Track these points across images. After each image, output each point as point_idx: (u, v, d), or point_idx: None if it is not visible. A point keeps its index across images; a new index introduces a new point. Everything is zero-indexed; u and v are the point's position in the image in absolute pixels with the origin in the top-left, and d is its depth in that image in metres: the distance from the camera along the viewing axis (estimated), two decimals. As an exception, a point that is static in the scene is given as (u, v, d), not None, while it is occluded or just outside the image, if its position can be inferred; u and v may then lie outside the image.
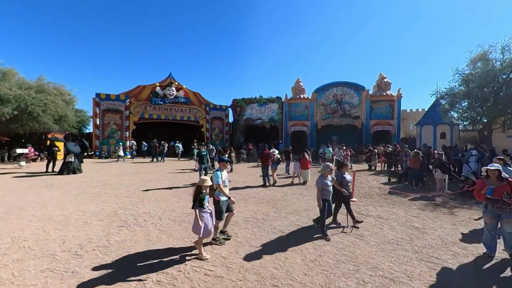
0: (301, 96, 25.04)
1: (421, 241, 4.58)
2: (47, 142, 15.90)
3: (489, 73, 13.05)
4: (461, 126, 19.37)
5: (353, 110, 23.52)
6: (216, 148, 15.25)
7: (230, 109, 27.32)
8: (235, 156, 16.15)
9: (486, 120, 14.59)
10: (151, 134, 24.43)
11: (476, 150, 10.26)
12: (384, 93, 22.85)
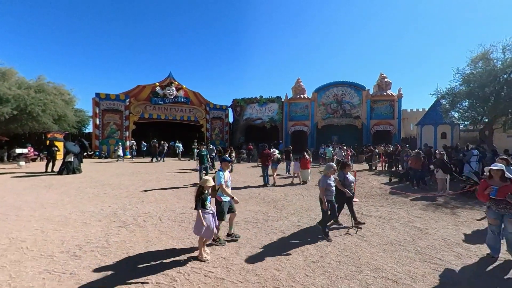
0: (302, 96, 24.99)
1: (423, 241, 4.53)
2: (46, 142, 15.84)
3: (490, 73, 13.00)
4: (462, 126, 19.32)
5: (354, 110, 23.47)
6: (216, 148, 15.23)
7: (230, 109, 27.27)
8: (235, 156, 16.11)
9: (487, 120, 14.54)
10: (151, 134, 24.37)
11: (478, 150, 10.21)
12: (385, 93, 22.81)
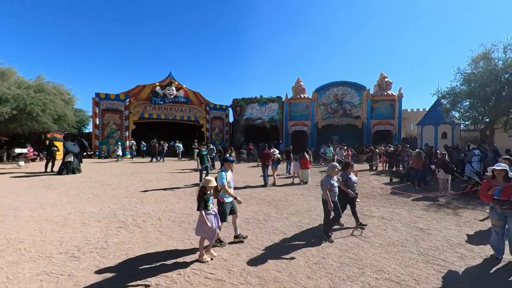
0: (302, 95, 24.92)
1: (426, 242, 4.48)
2: (46, 142, 15.78)
3: (491, 73, 12.94)
4: (463, 126, 19.26)
5: (354, 109, 23.41)
6: (216, 148, 15.19)
7: (230, 109, 27.20)
8: (236, 156, 16.06)
9: (488, 119, 14.49)
10: (151, 134, 24.30)
11: (479, 150, 10.17)
12: (385, 93, 22.75)
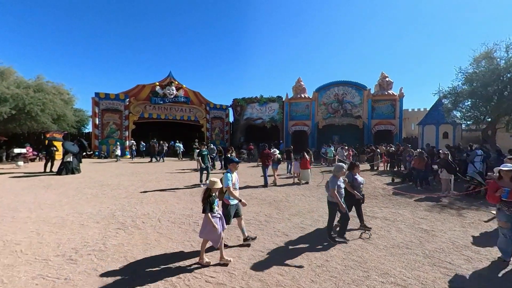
0: (302, 95, 24.81)
1: (431, 244, 4.39)
2: (45, 142, 15.69)
3: (494, 72, 12.85)
4: (464, 125, 19.16)
5: (355, 109, 23.31)
6: (216, 148, 15.09)
7: (230, 109, 27.09)
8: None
9: (490, 119, 14.41)
10: (151, 134, 24.19)
11: (482, 150, 10.08)
12: (386, 93, 22.65)
